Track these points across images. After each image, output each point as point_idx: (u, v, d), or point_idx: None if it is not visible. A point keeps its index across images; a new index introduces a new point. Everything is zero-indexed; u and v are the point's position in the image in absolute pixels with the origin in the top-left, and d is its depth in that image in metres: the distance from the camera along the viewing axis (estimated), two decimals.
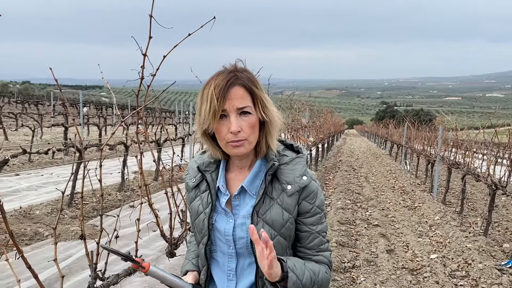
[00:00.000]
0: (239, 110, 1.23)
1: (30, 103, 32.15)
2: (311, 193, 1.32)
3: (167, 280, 1.24)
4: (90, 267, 1.75)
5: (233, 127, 1.22)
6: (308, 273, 1.26)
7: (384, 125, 27.50)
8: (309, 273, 1.27)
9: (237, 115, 1.23)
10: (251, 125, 1.25)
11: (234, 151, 1.26)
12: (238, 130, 1.22)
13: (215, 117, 1.22)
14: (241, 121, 1.23)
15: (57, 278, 4.14)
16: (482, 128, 7.18)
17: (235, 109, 1.22)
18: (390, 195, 9.75)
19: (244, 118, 1.24)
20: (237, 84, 1.23)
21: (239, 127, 1.22)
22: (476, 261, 5.03)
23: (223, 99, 1.21)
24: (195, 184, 1.41)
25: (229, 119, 1.23)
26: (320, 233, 1.35)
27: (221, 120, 1.24)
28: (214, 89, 1.21)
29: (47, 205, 6.64)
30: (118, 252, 1.14)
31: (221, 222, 1.35)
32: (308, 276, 1.25)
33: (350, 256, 5.23)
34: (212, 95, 1.21)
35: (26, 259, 1.53)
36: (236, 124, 1.22)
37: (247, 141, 1.25)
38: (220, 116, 1.23)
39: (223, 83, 1.22)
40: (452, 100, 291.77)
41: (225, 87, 1.21)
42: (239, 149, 1.25)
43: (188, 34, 1.73)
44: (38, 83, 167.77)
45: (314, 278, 1.28)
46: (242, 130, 1.23)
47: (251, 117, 1.25)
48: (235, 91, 1.22)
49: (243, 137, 1.24)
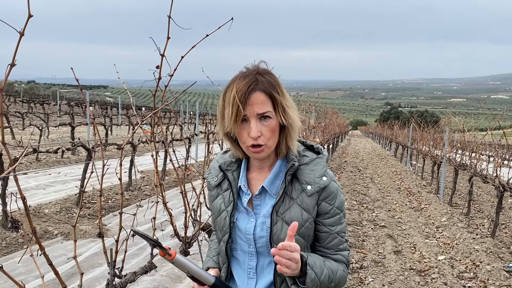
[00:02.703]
0: (259, 115, 1.25)
1: (36, 102, 32.32)
2: (330, 194, 1.33)
3: (192, 270, 1.24)
4: (108, 264, 1.76)
5: (252, 132, 1.24)
6: (326, 271, 1.28)
7: (389, 126, 27.44)
8: (328, 271, 1.29)
9: (257, 120, 1.25)
10: (271, 130, 1.27)
11: (254, 156, 1.31)
12: (258, 135, 1.25)
13: (236, 121, 1.25)
14: (261, 125, 1.25)
15: (68, 276, 4.18)
16: (490, 130, 7.15)
17: (255, 115, 1.24)
18: (396, 196, 9.74)
19: (264, 122, 1.26)
20: (258, 89, 1.24)
21: (259, 132, 1.25)
22: (484, 262, 5.02)
23: (244, 105, 1.23)
24: (217, 183, 1.44)
25: (249, 124, 1.25)
26: (339, 234, 1.36)
27: (242, 124, 1.26)
28: (236, 93, 1.23)
29: (55, 204, 6.69)
30: (148, 237, 1.15)
31: (242, 221, 1.37)
32: (326, 274, 1.27)
33: (358, 257, 5.23)
34: (234, 99, 1.23)
35: (48, 256, 1.56)
36: (255, 129, 1.24)
37: (266, 146, 1.28)
38: (242, 120, 1.26)
39: (244, 88, 1.23)
40: (457, 101, 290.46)
41: (246, 93, 1.23)
42: (259, 155, 1.29)
43: (206, 35, 1.74)
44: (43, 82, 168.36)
45: (332, 276, 1.30)
46: (262, 134, 1.26)
47: (271, 121, 1.26)
48: (255, 97, 1.24)
49: (263, 141, 1.26)
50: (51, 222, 5.84)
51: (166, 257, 1.19)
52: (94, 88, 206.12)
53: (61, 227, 5.62)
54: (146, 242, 1.19)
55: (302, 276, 1.24)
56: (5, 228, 5.26)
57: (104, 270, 4.40)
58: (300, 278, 1.25)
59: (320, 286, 1.26)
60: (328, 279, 1.28)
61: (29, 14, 1.17)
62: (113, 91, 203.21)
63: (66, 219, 6.07)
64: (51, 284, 3.78)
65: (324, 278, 1.26)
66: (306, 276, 1.23)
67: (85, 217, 6.20)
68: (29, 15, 1.17)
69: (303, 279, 1.25)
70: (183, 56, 1.82)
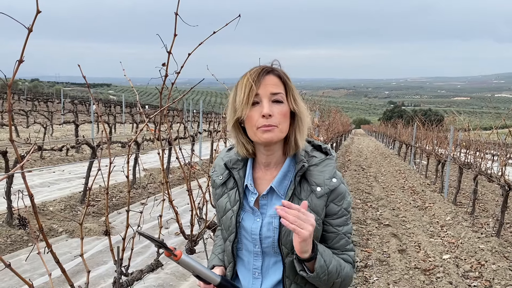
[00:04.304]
0: (272, 96, 1.26)
1: (40, 100, 32.42)
2: (339, 195, 1.31)
3: (197, 270, 1.24)
4: (115, 262, 1.76)
5: (265, 109, 1.23)
6: (335, 262, 1.26)
7: (392, 125, 27.37)
8: (336, 263, 1.27)
9: (269, 101, 1.25)
10: (282, 113, 1.26)
11: (264, 136, 1.25)
12: (270, 113, 1.24)
13: (248, 102, 1.25)
14: (273, 107, 1.25)
15: (73, 274, 4.19)
16: (495, 128, 7.11)
17: (268, 95, 1.25)
18: (400, 195, 9.71)
19: (276, 106, 1.26)
20: (272, 73, 1.29)
21: (271, 111, 1.24)
22: (489, 262, 5.00)
23: (258, 84, 1.25)
24: (222, 181, 1.42)
25: (262, 104, 1.25)
26: (346, 234, 1.34)
27: (254, 107, 1.26)
28: (250, 75, 1.26)
29: (60, 201, 6.71)
30: (153, 238, 1.15)
31: (248, 221, 1.35)
32: (334, 266, 1.25)
33: (362, 256, 5.22)
34: (248, 81, 1.25)
35: (55, 254, 1.55)
36: (268, 107, 1.24)
37: (278, 128, 1.26)
38: (253, 104, 1.26)
39: (258, 71, 1.27)
40: (461, 100, 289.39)
41: (260, 74, 1.26)
42: (269, 134, 1.25)
43: (213, 32, 1.73)
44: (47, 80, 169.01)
45: (340, 269, 1.28)
46: (274, 115, 1.25)
47: (283, 106, 1.27)
48: (269, 78, 1.27)
49: (275, 122, 1.25)
50: (56, 219, 5.85)
51: (172, 257, 1.18)
52: (97, 86, 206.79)
53: (66, 225, 5.63)
54: (152, 243, 1.18)
55: (309, 260, 1.21)
56: (11, 225, 5.27)
57: (109, 267, 4.41)
58: (307, 264, 1.22)
59: (328, 276, 1.23)
60: (336, 271, 1.26)
61: (37, 10, 1.16)
62: (116, 89, 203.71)
63: (71, 216, 6.09)
64: (56, 282, 3.79)
65: (332, 268, 1.24)
66: (315, 261, 1.20)
67: (90, 215, 6.21)
68: (37, 11, 1.16)
69: (311, 265, 1.22)
70: (190, 53, 1.81)
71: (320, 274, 1.21)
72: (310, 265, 1.22)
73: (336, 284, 1.28)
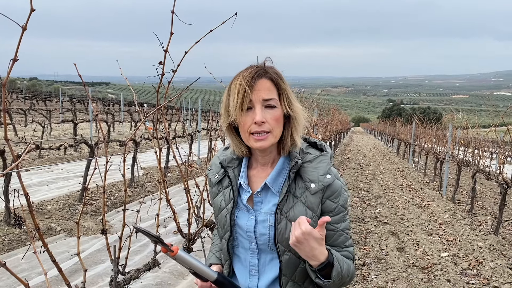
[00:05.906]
0: (265, 102, 1.24)
1: (38, 99, 32.36)
2: (335, 192, 1.31)
3: (194, 266, 1.23)
4: (112, 261, 1.76)
5: (257, 116, 1.22)
6: (345, 265, 1.26)
7: (391, 123, 27.38)
8: (346, 265, 1.26)
9: (262, 107, 1.24)
10: (275, 118, 1.25)
11: (257, 145, 1.26)
12: (263, 120, 1.23)
13: (242, 108, 1.23)
14: (266, 113, 1.24)
15: (70, 273, 4.19)
16: (494, 126, 7.12)
17: (261, 100, 1.24)
18: (398, 193, 9.72)
19: (269, 111, 1.25)
20: (264, 76, 1.26)
21: (263, 117, 1.23)
22: (488, 259, 5.01)
23: (251, 89, 1.22)
24: (217, 180, 1.42)
25: (254, 110, 1.24)
26: (344, 231, 1.34)
27: (247, 112, 1.25)
28: (243, 79, 1.23)
29: (58, 200, 6.69)
30: (150, 233, 1.14)
31: (242, 219, 1.35)
32: (345, 268, 1.25)
33: (361, 254, 5.23)
34: (241, 85, 1.23)
35: (51, 253, 1.55)
36: (260, 114, 1.23)
37: (271, 134, 1.25)
38: (246, 108, 1.24)
39: (251, 74, 1.24)
40: (460, 98, 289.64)
41: (253, 78, 1.23)
42: (262, 143, 1.25)
43: (209, 30, 1.72)
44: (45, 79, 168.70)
45: (349, 270, 1.27)
46: (267, 121, 1.24)
47: (276, 110, 1.26)
48: (262, 83, 1.24)
49: (268, 128, 1.24)
50: (54, 218, 5.84)
51: (168, 253, 1.18)
52: (96, 85, 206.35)
53: (64, 224, 5.63)
54: (148, 238, 1.18)
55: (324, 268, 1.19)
56: (8, 224, 5.27)
57: (106, 266, 4.41)
58: (322, 272, 1.20)
59: (341, 280, 1.24)
60: (347, 272, 1.26)
61: (31, 9, 1.16)
62: (115, 87, 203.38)
63: (69, 215, 6.08)
64: (54, 281, 3.79)
65: (345, 271, 1.24)
66: (333, 268, 1.19)
67: (88, 214, 6.20)
68: (31, 10, 1.16)
69: (326, 272, 1.20)
70: (186, 51, 1.80)
71: (336, 281, 1.22)
72: (324, 272, 1.21)
73: (344, 284, 1.28)
